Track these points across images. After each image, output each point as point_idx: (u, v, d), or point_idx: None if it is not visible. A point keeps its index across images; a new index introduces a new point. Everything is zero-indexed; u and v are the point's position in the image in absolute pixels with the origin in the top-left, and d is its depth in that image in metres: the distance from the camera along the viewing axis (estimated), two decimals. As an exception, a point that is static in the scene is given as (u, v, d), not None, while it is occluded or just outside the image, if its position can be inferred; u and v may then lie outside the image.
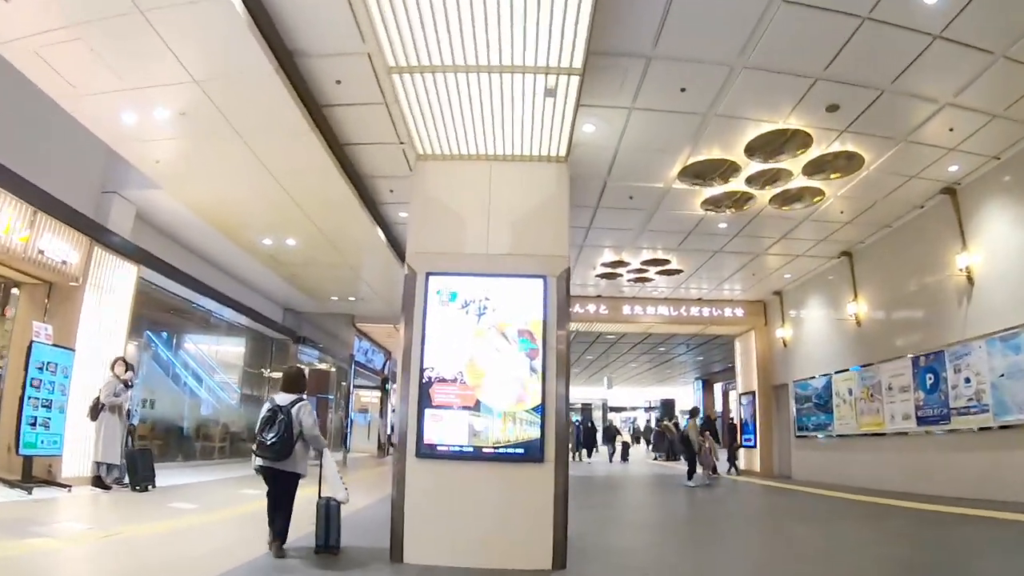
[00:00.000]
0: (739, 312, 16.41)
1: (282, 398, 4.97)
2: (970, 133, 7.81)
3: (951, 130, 7.80)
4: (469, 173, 5.76)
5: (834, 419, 12.66)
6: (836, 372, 12.73)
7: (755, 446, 16.14)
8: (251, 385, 16.48)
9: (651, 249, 12.42)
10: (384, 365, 23.35)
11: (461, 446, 5.01)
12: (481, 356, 5.17)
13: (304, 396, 5.11)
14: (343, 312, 17.11)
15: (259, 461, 4.81)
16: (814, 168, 8.61)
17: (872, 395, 11.32)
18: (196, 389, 14.97)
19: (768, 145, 8.00)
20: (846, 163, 8.50)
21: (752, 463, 16.39)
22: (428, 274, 5.33)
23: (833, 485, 11.78)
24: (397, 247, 11.35)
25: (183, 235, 11.36)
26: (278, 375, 16.37)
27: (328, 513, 5.04)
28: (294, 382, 5.19)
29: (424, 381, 5.08)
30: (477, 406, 5.05)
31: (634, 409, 47.77)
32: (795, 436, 14.30)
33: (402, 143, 7.72)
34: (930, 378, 9.84)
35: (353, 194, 8.86)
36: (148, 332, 12.56)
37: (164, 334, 13.58)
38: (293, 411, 4.84)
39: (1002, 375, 8.32)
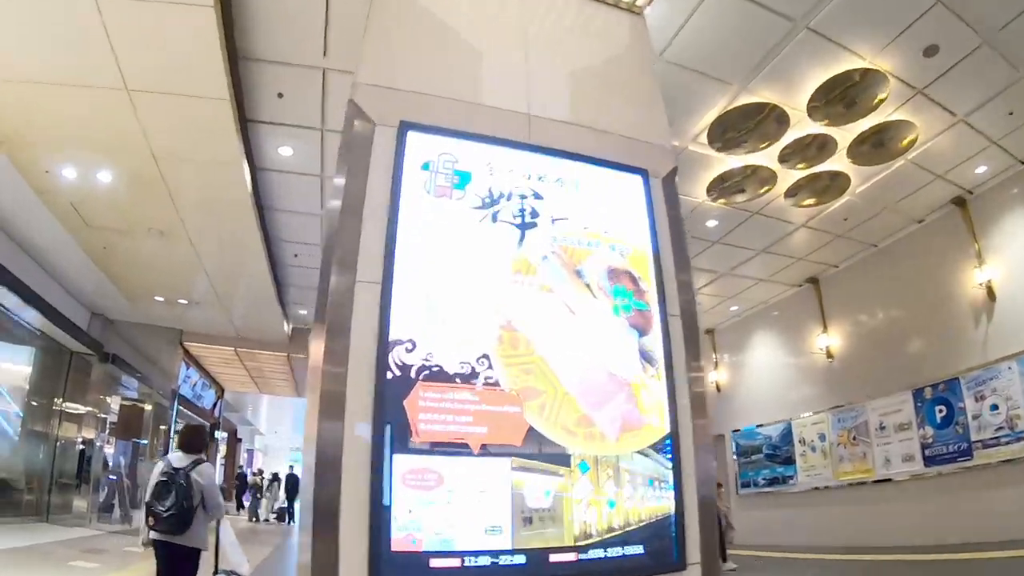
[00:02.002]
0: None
1: (178, 459, 4.28)
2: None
3: (1010, 114, 6.70)
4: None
5: (797, 470, 10.98)
6: (800, 416, 11.14)
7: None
8: (35, 419, 11.49)
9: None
10: (214, 405, 18.34)
11: (495, 553, 2.25)
12: (531, 319, 2.52)
13: (204, 457, 4.42)
14: (168, 325, 12.76)
15: (152, 534, 4.11)
16: (862, 142, 7.05)
17: (855, 438, 9.78)
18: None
19: (836, 90, 6.26)
20: (892, 138, 7.00)
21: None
22: (405, 126, 2.57)
23: (797, 547, 9.92)
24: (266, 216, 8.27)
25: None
26: (75, 409, 11.71)
27: None
28: (193, 440, 4.49)
29: (392, 377, 2.31)
30: (528, 442, 2.38)
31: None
32: (736, 494, 12.48)
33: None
34: (940, 411, 8.45)
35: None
36: None
37: None
38: (192, 475, 4.16)
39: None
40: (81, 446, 11.30)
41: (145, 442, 13.62)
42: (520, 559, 2.24)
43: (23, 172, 7.32)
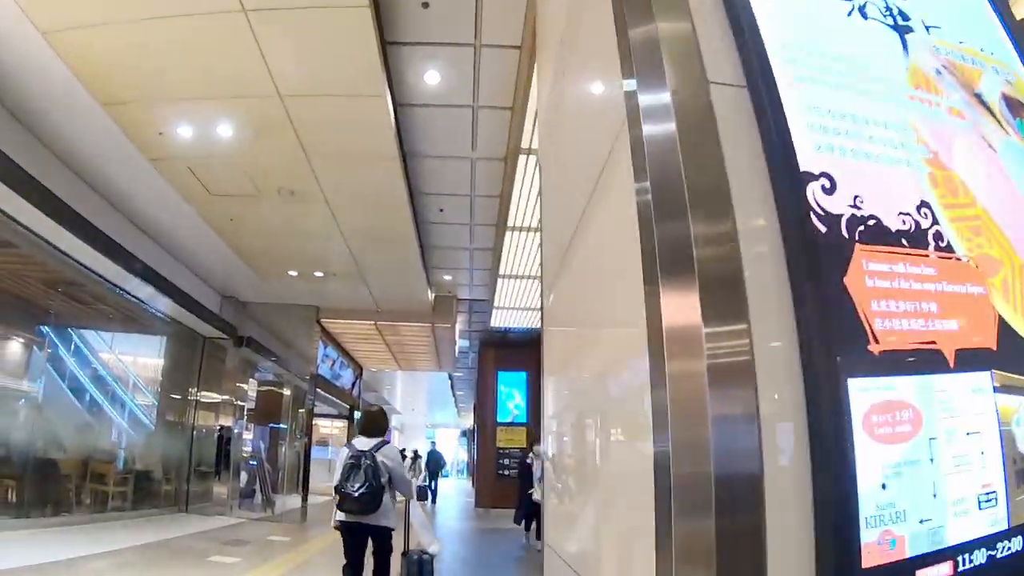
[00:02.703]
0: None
1: (362, 443, 4.33)
2: None
3: None
4: None
5: None
6: None
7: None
8: (170, 408, 11.24)
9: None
10: (353, 384, 17.81)
11: (991, 541, 1.17)
12: (956, 153, 1.46)
13: (387, 439, 4.61)
14: (303, 303, 12.08)
15: (341, 516, 4.21)
16: None
17: None
18: (78, 407, 9.79)
19: None
20: None
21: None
22: None
23: None
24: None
25: (35, 111, 5.99)
26: (210, 396, 11.31)
27: (421, 569, 4.52)
28: (374, 424, 4.57)
29: (815, 235, 1.17)
30: (1005, 343, 1.29)
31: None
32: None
33: None
34: None
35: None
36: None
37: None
38: (378, 456, 4.21)
39: None
40: (219, 433, 10.86)
41: (284, 426, 13.23)
42: (1017, 543, 1.24)
43: (135, 138, 6.35)
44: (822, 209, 1.22)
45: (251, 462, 11.91)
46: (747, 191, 1.22)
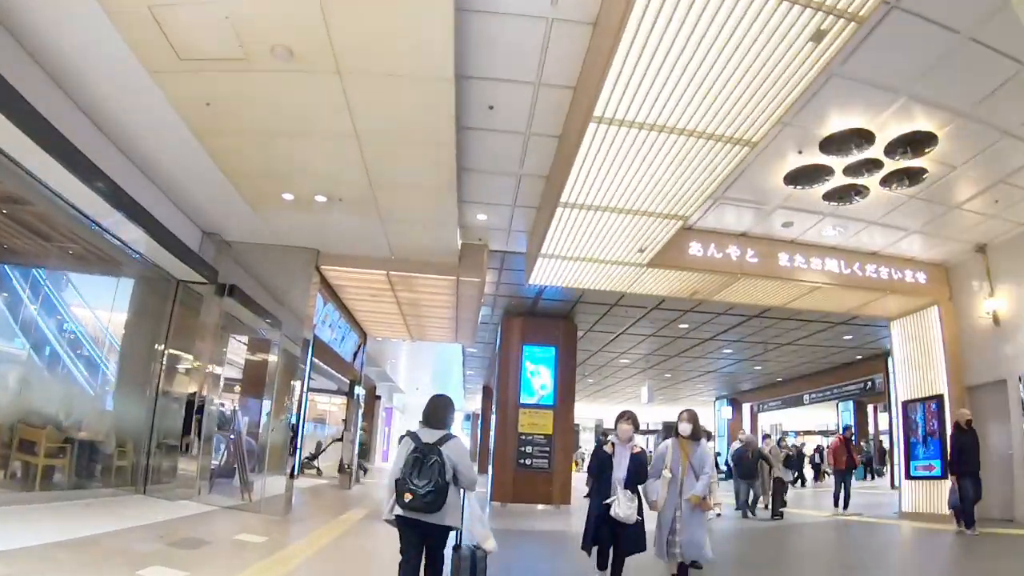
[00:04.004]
0: (920, 277, 10.74)
1: (427, 435, 4.07)
2: None
3: None
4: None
5: None
6: None
7: (943, 476, 10.30)
8: (130, 366, 9.05)
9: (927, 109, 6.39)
10: (355, 355, 15.20)
11: None
12: None
13: (451, 432, 4.14)
14: (300, 244, 9.76)
15: (399, 511, 3.96)
16: None
17: None
18: (6, 353, 7.67)
19: None
20: None
21: (930, 500, 10.74)
22: None
23: None
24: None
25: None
26: (181, 354, 9.16)
27: (475, 566, 4.33)
28: (441, 414, 4.23)
29: None
30: None
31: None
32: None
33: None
34: None
35: None
36: None
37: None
38: (444, 450, 3.93)
39: None
40: (189, 399, 8.67)
41: (269, 398, 10.95)
42: None
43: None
44: None
45: (231, 436, 9.73)
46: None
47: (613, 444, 5.27)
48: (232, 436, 9.76)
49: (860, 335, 15.74)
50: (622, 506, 4.96)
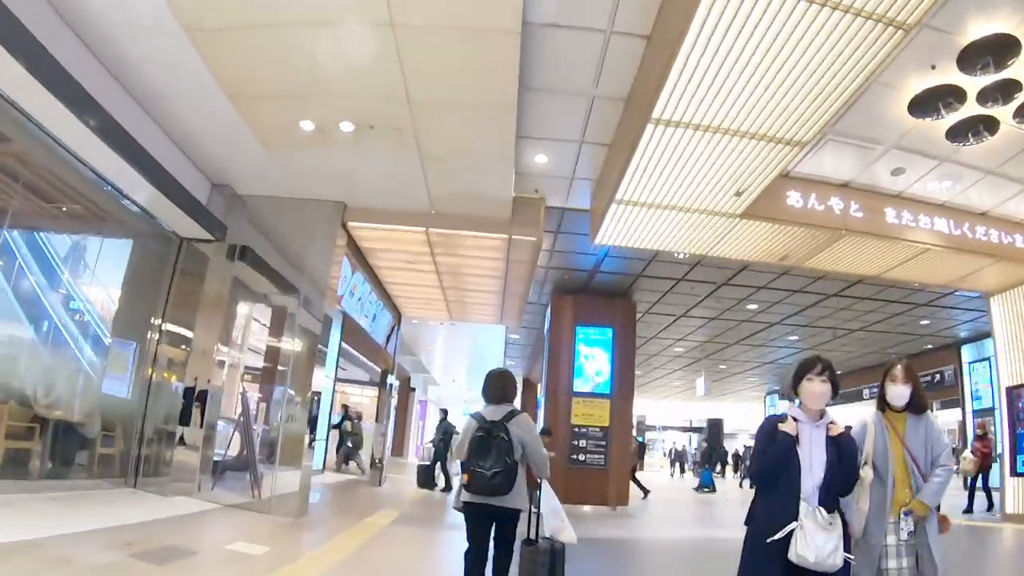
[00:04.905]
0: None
1: (490, 412, 3.82)
2: None
3: None
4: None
5: None
6: None
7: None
8: (122, 338, 7.69)
9: None
10: (388, 336, 13.55)
11: None
12: None
13: (517, 407, 3.87)
14: (323, 197, 8.11)
15: (467, 496, 3.68)
16: None
17: None
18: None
19: None
20: None
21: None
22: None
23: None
24: None
25: None
26: (181, 328, 7.80)
27: (553, 560, 4.03)
28: (502, 388, 3.94)
29: None
30: None
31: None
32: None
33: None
34: None
35: None
36: None
37: None
38: (511, 427, 3.69)
39: None
40: (189, 384, 7.27)
41: (283, 383, 9.44)
42: None
43: None
44: None
45: (238, 422, 8.27)
46: None
47: (796, 420, 2.87)
48: (240, 422, 8.31)
49: (937, 320, 14.17)
50: (813, 539, 2.62)
